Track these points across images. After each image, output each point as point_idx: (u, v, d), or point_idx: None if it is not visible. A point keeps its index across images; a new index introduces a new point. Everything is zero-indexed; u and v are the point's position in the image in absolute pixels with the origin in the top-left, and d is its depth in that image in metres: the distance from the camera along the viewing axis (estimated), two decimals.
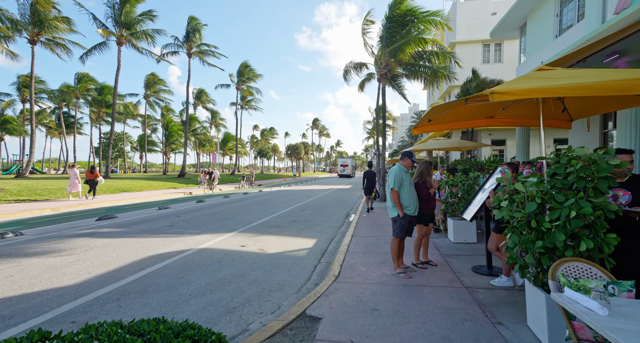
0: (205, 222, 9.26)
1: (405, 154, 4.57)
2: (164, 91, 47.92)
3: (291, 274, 4.79)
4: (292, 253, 6.04)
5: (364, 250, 5.94)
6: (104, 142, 63.37)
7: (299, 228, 8.49)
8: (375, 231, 7.81)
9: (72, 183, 13.48)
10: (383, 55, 15.00)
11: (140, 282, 4.32)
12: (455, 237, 6.21)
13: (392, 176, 4.40)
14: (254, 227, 8.61)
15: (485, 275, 4.31)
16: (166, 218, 9.88)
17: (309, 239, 7.26)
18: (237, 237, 7.27)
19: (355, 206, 13.75)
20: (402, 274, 4.36)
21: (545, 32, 10.61)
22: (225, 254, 5.81)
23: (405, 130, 76.32)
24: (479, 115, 5.71)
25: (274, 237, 7.35)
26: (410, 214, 4.38)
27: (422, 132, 5.97)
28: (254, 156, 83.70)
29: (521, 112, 5.48)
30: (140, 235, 7.37)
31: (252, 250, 6.13)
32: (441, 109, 4.95)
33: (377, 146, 23.63)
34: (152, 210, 11.96)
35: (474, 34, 21.93)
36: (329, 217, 10.57)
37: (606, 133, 10.64)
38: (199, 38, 33.06)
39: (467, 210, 4.70)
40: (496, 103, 5.13)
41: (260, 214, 10.92)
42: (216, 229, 8.17)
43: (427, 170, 4.73)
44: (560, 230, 2.40)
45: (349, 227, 8.54)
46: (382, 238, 6.88)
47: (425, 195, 4.64)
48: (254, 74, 43.86)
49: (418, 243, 4.83)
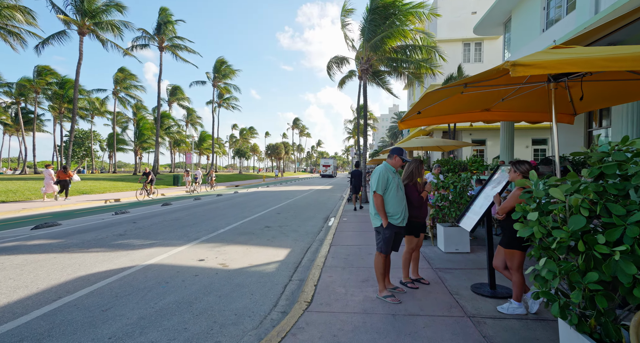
0: (164, 229, 8.12)
1: (395, 151, 3.76)
2: (135, 87, 45.27)
3: (254, 299, 3.86)
4: (259, 268, 5.11)
5: (343, 263, 5.09)
6: (68, 140, 59.75)
7: (271, 236, 7.55)
8: (356, 238, 6.99)
9: (46, 183, 13.14)
10: (364, 50, 14.29)
11: (48, 319, 3.26)
12: (446, 246, 5.48)
13: (376, 177, 3.58)
14: (220, 235, 7.58)
15: (488, 297, 3.56)
16: (119, 225, 8.64)
17: (282, 249, 6.34)
18: (196, 249, 6.23)
19: (335, 208, 12.94)
20: (390, 298, 3.54)
21: (531, 26, 10.21)
22: (177, 272, 4.80)
23: (386, 131, 76.76)
24: (474, 107, 5.01)
25: (241, 248, 6.38)
26: (396, 224, 3.57)
27: (409, 127, 5.20)
28: (232, 156, 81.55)
29: (522, 104, 4.82)
30: (77, 248, 6.18)
31: (211, 266, 5.14)
32: (434, 98, 4.18)
33: (358, 146, 22.99)
34: (107, 215, 10.62)
35: (454, 33, 21.74)
36: (306, 221, 9.68)
37: (591, 132, 10.38)
38: (171, 30, 31.27)
39: (465, 218, 3.94)
40: (494, 93, 4.42)
41: (230, 219, 9.87)
42: (175, 238, 7.08)
43: (417, 170, 3.94)
44: (627, 258, 1.63)
45: (328, 233, 7.69)
46: (364, 248, 6.07)
47: (416, 200, 3.85)
48: (231, 70, 42.29)
49: (407, 258, 4.03)
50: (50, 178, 13.21)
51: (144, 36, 30.61)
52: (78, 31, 23.76)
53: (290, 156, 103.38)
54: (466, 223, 3.82)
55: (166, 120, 47.54)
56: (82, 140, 59.35)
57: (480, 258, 5.16)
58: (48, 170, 13.38)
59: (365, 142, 14.85)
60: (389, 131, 69.73)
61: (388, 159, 3.80)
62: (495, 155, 19.04)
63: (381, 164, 3.77)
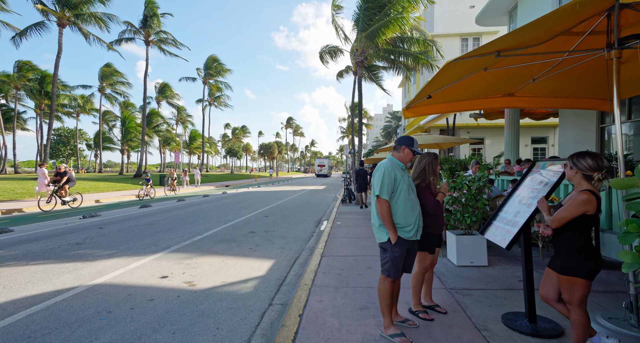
0: (132, 236, 7.11)
1: (403, 141, 2.85)
2: (122, 84, 43.81)
3: (219, 337, 2.92)
4: (234, 287, 4.16)
5: (336, 281, 4.17)
6: (54, 139, 57.65)
7: (255, 244, 6.60)
8: (352, 247, 6.08)
9: (40, 183, 12.97)
10: (359, 41, 13.42)
11: None
12: (459, 258, 4.60)
13: (380, 176, 2.68)
14: (196, 243, 6.60)
15: (529, 336, 2.68)
16: (81, 231, 7.60)
17: (265, 260, 5.40)
18: (163, 261, 5.25)
19: (328, 210, 12.03)
20: (399, 339, 2.62)
21: (540, 13, 9.43)
22: (128, 295, 3.82)
23: (380, 130, 76.22)
24: (495, 91, 4.13)
25: (217, 259, 5.42)
26: (408, 239, 2.68)
27: (415, 115, 4.31)
28: (223, 155, 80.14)
29: (555, 87, 3.95)
30: (14, 262, 5.15)
31: (175, 285, 4.18)
32: (450, 76, 3.28)
33: (352, 144, 22.13)
34: (74, 219, 9.54)
35: (451, 28, 21.01)
36: (296, 226, 8.75)
37: (604, 128, 9.64)
38: (157, 24, 30.02)
39: (494, 228, 3.04)
40: (524, 72, 3.54)
41: (211, 223, 8.88)
42: (141, 248, 6.08)
43: (431, 167, 3.05)
44: None
45: (320, 239, 6.77)
46: (361, 260, 5.16)
47: (432, 205, 2.95)
48: (223, 68, 41.12)
49: (419, 281, 3.13)
50: (44, 178, 12.87)
51: (129, 30, 29.34)
52: (57, 23, 22.46)
53: (284, 156, 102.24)
54: (497, 235, 2.92)
55: (155, 118, 46.07)
56: (67, 139, 57.43)
57: (503, 274, 4.29)
58: (42, 169, 13.10)
59: (360, 140, 13.97)
60: (383, 131, 69.18)
61: (394, 151, 2.89)
62: (497, 154, 18.34)
63: (385, 159, 2.86)
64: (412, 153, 2.84)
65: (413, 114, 4.22)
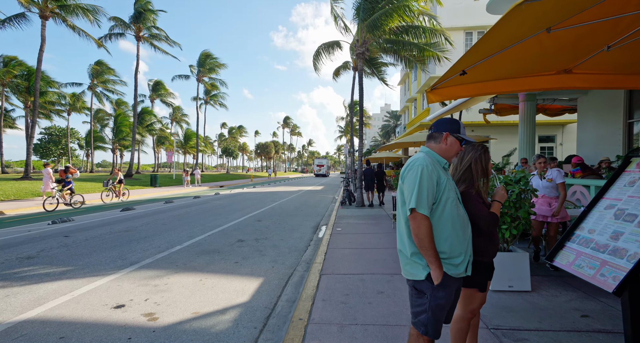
0: (99, 246, 6.11)
1: (443, 125, 1.90)
2: (114, 82, 42.53)
3: None
4: (207, 322, 3.19)
5: (341, 315, 3.21)
6: (45, 138, 56.20)
7: (242, 255, 5.63)
8: (356, 262, 5.12)
9: (45, 182, 13.23)
10: (360, 31, 12.47)
11: None
12: (494, 281, 3.65)
13: (415, 179, 1.72)
14: (173, 255, 5.62)
15: None
16: (42, 240, 6.57)
17: (252, 279, 4.43)
18: (125, 282, 4.26)
19: (327, 214, 11.07)
20: None
21: None
22: (60, 339, 2.84)
23: (378, 130, 75.40)
24: (548, 67, 3.18)
25: (193, 278, 4.44)
26: (457, 275, 1.73)
27: (442, 98, 3.36)
28: (219, 155, 78.98)
29: (635, 60, 3.00)
30: None
31: (129, 320, 3.20)
32: (498, 41, 2.33)
33: (351, 143, 21.17)
34: (41, 224, 8.50)
35: (455, 21, 20.12)
36: (291, 232, 7.78)
37: (632, 124, 8.75)
38: (150, 20, 28.88)
39: (582, 260, 2.07)
40: (600, 33, 2.59)
41: (196, 230, 7.89)
42: (104, 263, 5.09)
43: (480, 163, 2.11)
44: None
45: (318, 250, 5.81)
46: (369, 281, 4.20)
47: (485, 220, 1.99)
48: (217, 63, 40.01)
49: (463, 329, 2.17)
50: (49, 178, 13.16)
51: (119, 25, 28.19)
52: (40, 14, 21.28)
53: (281, 155, 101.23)
54: (583, 266, 1.96)
55: (147, 116, 44.84)
56: (58, 138, 56.05)
57: (556, 304, 3.33)
58: (47, 169, 13.45)
59: (362, 137, 13.02)
60: (382, 130, 68.37)
61: (431, 142, 1.93)
62: (505, 153, 17.46)
63: (418, 154, 1.90)
64: (460, 143, 1.89)
65: (439, 97, 3.27)
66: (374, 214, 10.39)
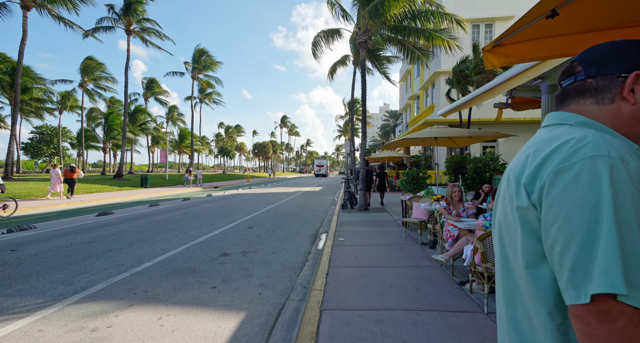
0: (45, 265, 4.94)
1: (623, 56, 0.76)
2: (106, 79, 41.20)
3: None
4: None
5: None
6: (37, 137, 54.73)
7: (223, 277, 4.49)
8: (366, 286, 3.97)
9: (53, 183, 13.62)
10: (361, 19, 11.36)
11: None
12: None
13: (592, 194, 0.58)
14: (135, 277, 4.46)
15: None
16: None
17: (229, 316, 3.30)
18: (52, 325, 3.11)
19: (327, 218, 9.94)
20: None
21: None
22: None
23: (377, 130, 74.36)
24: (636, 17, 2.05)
25: (150, 315, 3.29)
26: None
27: (504, 60, 2.25)
28: (215, 155, 77.72)
29: None
30: None
31: None
32: None
33: (352, 141, 20.04)
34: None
35: (461, 13, 19.00)
36: (285, 242, 6.65)
37: None
38: (140, 12, 27.67)
39: None
40: None
41: (175, 240, 6.74)
42: (39, 292, 3.93)
43: None
44: None
45: (317, 270, 4.68)
46: (388, 323, 3.06)
47: None
48: (212, 61, 38.81)
49: None
50: (57, 178, 13.54)
51: (108, 17, 26.96)
52: (21, 5, 20.05)
53: (279, 155, 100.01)
54: None
55: (141, 115, 43.54)
56: (50, 137, 54.61)
57: None
58: (55, 169, 13.73)
59: (364, 134, 11.90)
60: (381, 130, 67.31)
61: (587, 100, 0.80)
62: None
63: (573, 135, 0.73)
64: None
65: (503, 59, 2.14)
66: (378, 219, 9.27)
